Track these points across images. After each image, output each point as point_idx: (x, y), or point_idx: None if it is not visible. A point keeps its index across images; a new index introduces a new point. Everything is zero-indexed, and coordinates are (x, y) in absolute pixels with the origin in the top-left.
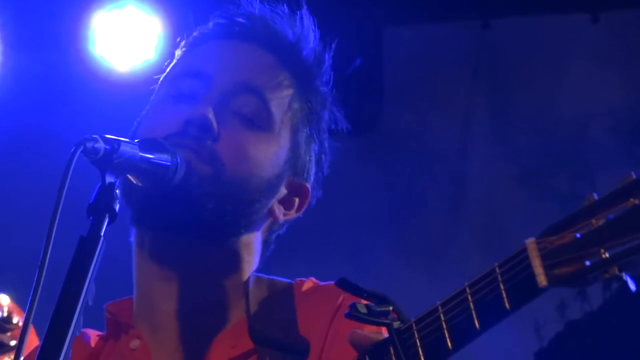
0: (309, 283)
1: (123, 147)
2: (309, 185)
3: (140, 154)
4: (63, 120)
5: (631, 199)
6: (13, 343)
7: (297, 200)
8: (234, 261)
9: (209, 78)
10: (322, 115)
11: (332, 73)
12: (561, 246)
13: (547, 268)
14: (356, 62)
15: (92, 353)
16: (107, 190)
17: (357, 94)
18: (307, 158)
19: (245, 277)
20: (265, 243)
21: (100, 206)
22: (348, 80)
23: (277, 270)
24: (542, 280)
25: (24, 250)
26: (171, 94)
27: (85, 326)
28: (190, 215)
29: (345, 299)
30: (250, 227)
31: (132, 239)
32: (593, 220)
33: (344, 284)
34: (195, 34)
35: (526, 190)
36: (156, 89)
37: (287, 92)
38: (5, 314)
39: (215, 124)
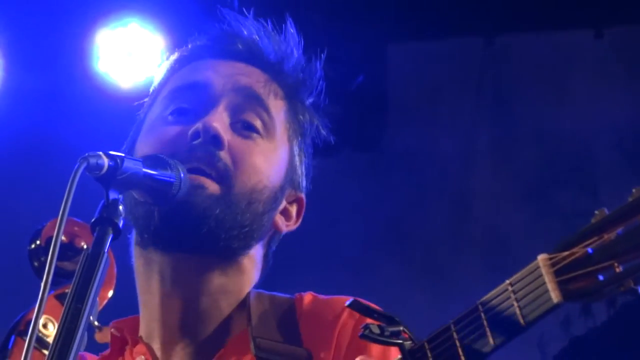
0: (308, 296)
1: (126, 164)
2: (303, 195)
3: (144, 170)
4: (67, 136)
5: None
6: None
7: (294, 210)
8: (242, 275)
9: (208, 87)
10: (311, 130)
11: (326, 86)
12: (574, 261)
13: (560, 284)
14: (359, 79)
15: None
16: (110, 207)
17: (361, 111)
18: (301, 171)
19: (247, 291)
20: (266, 256)
21: (104, 222)
22: (352, 97)
23: (281, 287)
24: (556, 295)
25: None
26: (170, 110)
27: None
28: (211, 235)
29: (346, 314)
30: (260, 239)
31: (135, 260)
32: (604, 235)
33: (356, 305)
34: (179, 55)
35: (530, 207)
36: (146, 109)
37: (282, 104)
38: (67, 240)
39: (223, 135)
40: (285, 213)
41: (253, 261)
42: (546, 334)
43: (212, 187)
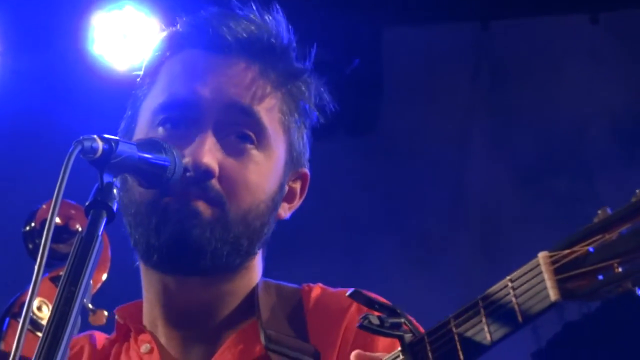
0: (317, 289)
1: (121, 147)
2: (306, 169)
3: (139, 153)
4: (62, 119)
5: None
6: None
7: (298, 186)
8: (249, 274)
9: (196, 106)
10: (309, 98)
11: (321, 71)
12: (574, 260)
13: (559, 282)
14: (355, 63)
15: (100, 356)
16: (105, 190)
17: (356, 95)
18: (301, 145)
19: (255, 282)
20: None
21: (98, 206)
22: (347, 81)
23: (277, 272)
24: (554, 293)
25: (23, 254)
26: (160, 120)
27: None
28: (209, 266)
29: (354, 308)
30: (263, 245)
31: (139, 262)
32: (606, 235)
33: (357, 295)
34: (169, 40)
35: (525, 191)
36: (142, 97)
37: (276, 99)
38: (62, 223)
39: (213, 166)
40: (288, 195)
41: (258, 258)
42: (540, 319)
43: (206, 212)
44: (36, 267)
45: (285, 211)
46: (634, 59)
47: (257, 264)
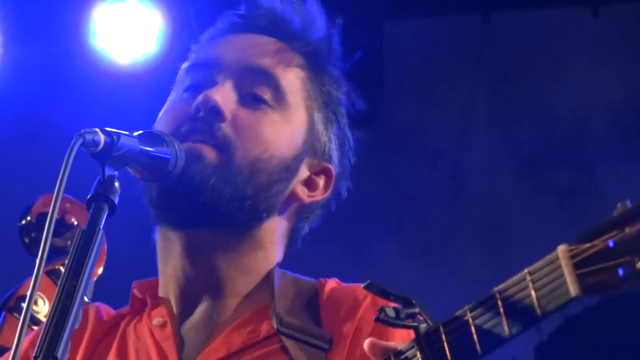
0: (332, 282)
1: (122, 140)
2: (332, 166)
3: (140, 146)
4: (64, 112)
5: None
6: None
7: (321, 181)
8: (258, 250)
9: (216, 65)
10: (338, 98)
11: (342, 56)
12: (594, 254)
13: (580, 277)
14: (356, 55)
15: (106, 327)
16: (106, 183)
17: (357, 88)
18: (327, 139)
19: (269, 267)
20: (294, 230)
21: (100, 199)
22: (348, 74)
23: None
24: (575, 288)
25: (19, 248)
26: (184, 87)
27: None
28: (209, 207)
29: (369, 301)
30: (271, 212)
31: (156, 233)
32: (626, 229)
33: (372, 287)
34: (203, 37)
35: (526, 184)
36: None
37: (299, 74)
38: (59, 217)
39: (223, 107)
40: (310, 184)
41: (272, 235)
42: None
43: (210, 155)
44: (37, 262)
45: (304, 194)
46: (635, 52)
47: (272, 243)
